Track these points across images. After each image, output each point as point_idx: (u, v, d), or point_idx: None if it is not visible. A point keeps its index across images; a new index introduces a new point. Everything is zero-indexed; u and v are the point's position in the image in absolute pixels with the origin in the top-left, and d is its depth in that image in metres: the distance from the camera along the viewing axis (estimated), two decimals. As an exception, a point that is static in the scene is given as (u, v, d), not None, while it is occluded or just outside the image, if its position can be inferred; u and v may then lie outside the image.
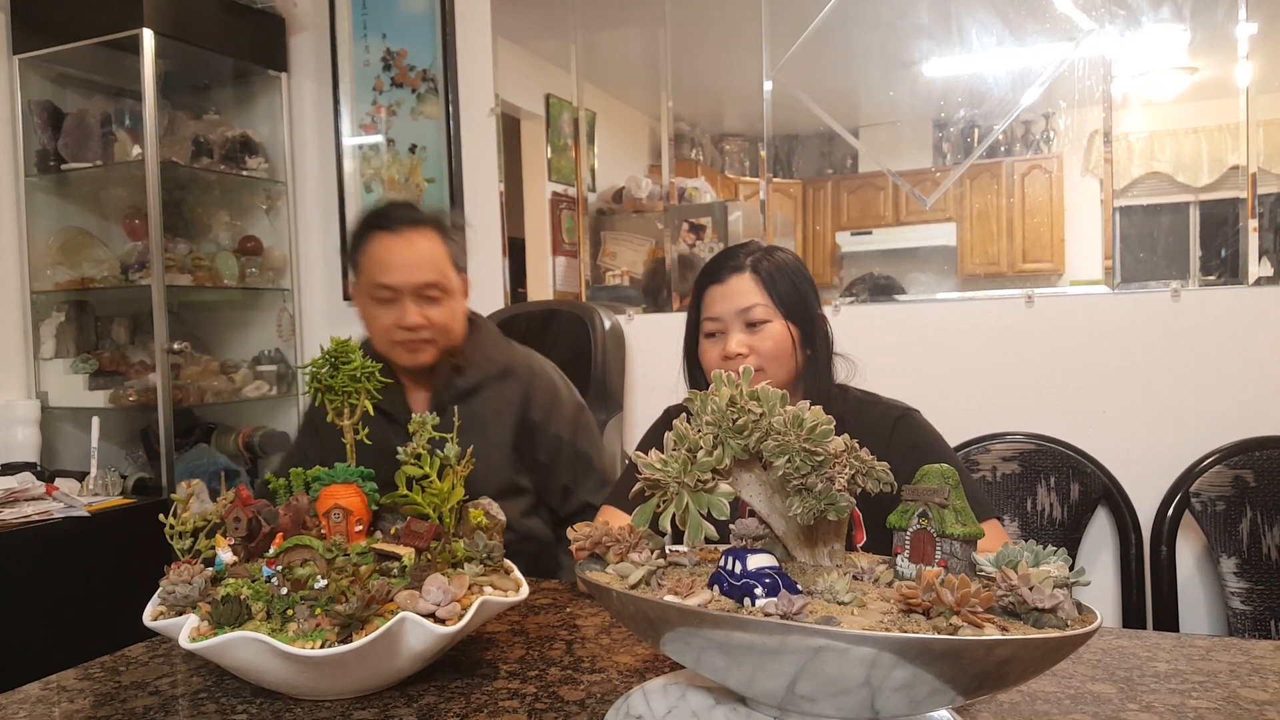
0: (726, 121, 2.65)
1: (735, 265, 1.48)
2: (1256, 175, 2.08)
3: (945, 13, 2.32)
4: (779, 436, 0.85)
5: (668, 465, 0.86)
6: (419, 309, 1.65)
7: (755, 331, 1.44)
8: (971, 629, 0.73)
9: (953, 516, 0.86)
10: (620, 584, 0.86)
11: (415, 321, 1.64)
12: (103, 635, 2.04)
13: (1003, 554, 0.85)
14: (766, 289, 1.45)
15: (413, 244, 1.66)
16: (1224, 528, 1.98)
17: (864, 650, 0.69)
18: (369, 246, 1.68)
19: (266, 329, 3.07)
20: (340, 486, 1.22)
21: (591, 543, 0.94)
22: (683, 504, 0.85)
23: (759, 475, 0.90)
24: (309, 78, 3.00)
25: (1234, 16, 2.07)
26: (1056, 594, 0.76)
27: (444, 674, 1.13)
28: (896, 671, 0.70)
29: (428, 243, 1.68)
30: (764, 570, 0.80)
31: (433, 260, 1.67)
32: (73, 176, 2.79)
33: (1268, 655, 1.15)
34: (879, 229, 2.50)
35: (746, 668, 0.76)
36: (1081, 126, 2.24)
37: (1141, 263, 2.22)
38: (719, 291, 1.47)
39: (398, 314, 1.64)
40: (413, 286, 1.64)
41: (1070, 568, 0.84)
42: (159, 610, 1.04)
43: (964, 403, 2.28)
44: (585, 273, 2.73)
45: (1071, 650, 0.75)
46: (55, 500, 2.30)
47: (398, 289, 1.64)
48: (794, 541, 0.91)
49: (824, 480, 0.83)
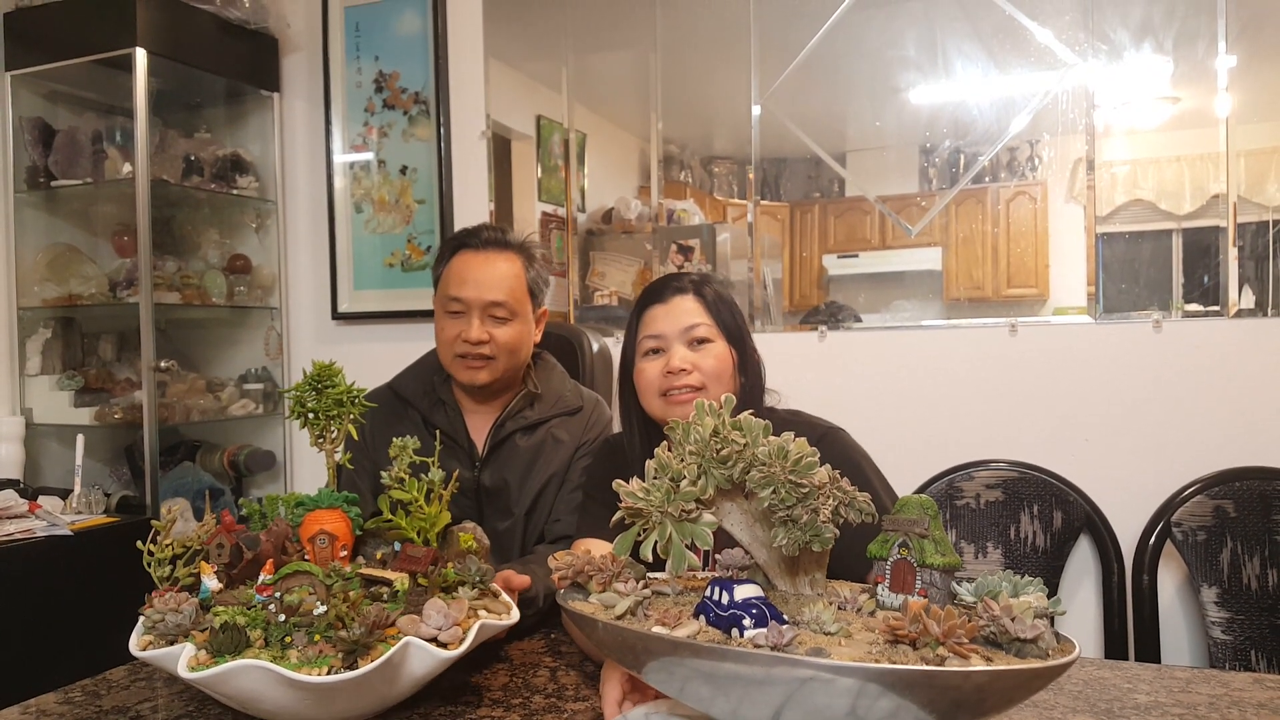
0: (715, 144, 2.67)
1: (679, 286, 1.49)
2: (1238, 204, 2.11)
3: (931, 44, 2.35)
4: (764, 468, 0.85)
5: (650, 494, 0.87)
6: (485, 326, 1.67)
7: (698, 349, 1.44)
8: (958, 659, 0.74)
9: (932, 547, 0.87)
10: (605, 614, 0.86)
11: (478, 336, 1.66)
12: (84, 657, 2.02)
13: (981, 584, 0.87)
14: (710, 311, 1.46)
15: (493, 263, 1.70)
16: (1205, 557, 2.00)
17: (850, 681, 0.70)
18: (453, 261, 1.73)
19: (254, 347, 3.06)
20: (325, 511, 1.22)
21: (574, 571, 0.95)
22: (666, 534, 0.85)
23: (741, 505, 0.90)
24: (301, 98, 3.01)
25: (1214, 49, 2.11)
26: (1037, 624, 0.78)
27: (428, 701, 1.13)
28: (882, 701, 0.71)
29: (508, 265, 1.71)
30: (751, 601, 0.81)
31: (507, 282, 1.69)
32: (62, 193, 2.78)
33: (1246, 688, 1.16)
34: (865, 253, 2.51)
35: (732, 698, 0.77)
36: (1066, 154, 2.27)
37: (1124, 293, 2.24)
38: (661, 310, 1.47)
39: (463, 327, 1.67)
40: (483, 303, 1.67)
41: (1048, 596, 0.85)
42: (147, 639, 1.04)
43: (947, 430, 2.30)
44: (574, 293, 2.74)
45: (1053, 679, 0.76)
46: (38, 518, 2.28)
47: (468, 303, 1.67)
48: (775, 570, 0.92)
49: (809, 512, 0.84)
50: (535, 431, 1.74)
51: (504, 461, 1.72)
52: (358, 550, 1.25)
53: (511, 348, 1.70)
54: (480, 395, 1.74)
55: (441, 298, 1.73)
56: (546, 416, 1.75)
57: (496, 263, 1.71)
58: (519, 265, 1.73)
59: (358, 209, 2.91)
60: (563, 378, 1.85)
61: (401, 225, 2.86)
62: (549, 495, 1.72)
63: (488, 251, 1.72)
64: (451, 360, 1.70)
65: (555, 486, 1.73)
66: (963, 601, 0.87)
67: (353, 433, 1.28)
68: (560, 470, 1.73)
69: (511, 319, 1.69)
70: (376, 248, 2.89)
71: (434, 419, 1.72)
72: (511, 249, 1.74)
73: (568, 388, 1.82)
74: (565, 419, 1.77)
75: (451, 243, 1.78)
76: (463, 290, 1.68)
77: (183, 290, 2.77)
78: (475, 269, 1.70)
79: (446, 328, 1.70)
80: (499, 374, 1.70)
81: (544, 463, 1.72)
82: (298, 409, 1.26)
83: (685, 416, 0.92)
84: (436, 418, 1.72)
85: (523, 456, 1.72)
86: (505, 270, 1.70)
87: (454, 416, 1.73)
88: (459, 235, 1.80)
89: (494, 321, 1.68)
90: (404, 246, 2.85)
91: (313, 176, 2.99)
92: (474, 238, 1.74)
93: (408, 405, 1.75)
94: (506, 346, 1.69)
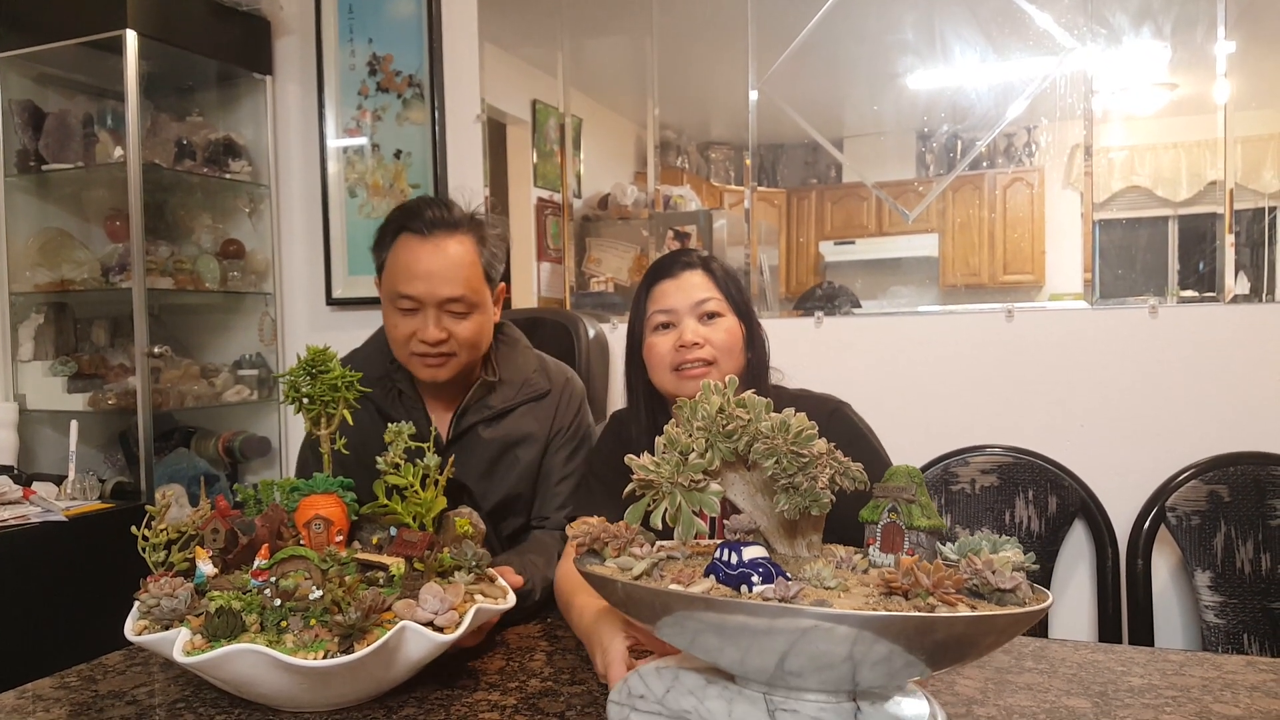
0: (712, 130, 2.66)
1: (688, 262, 1.49)
2: (1234, 191, 2.11)
3: (929, 28, 2.34)
4: (767, 440, 0.93)
5: (660, 467, 0.94)
6: (442, 323, 1.52)
7: (710, 323, 1.44)
8: (945, 607, 0.81)
9: (919, 511, 0.95)
10: (624, 576, 0.93)
11: (436, 337, 1.51)
12: (80, 642, 2.02)
13: (964, 543, 0.95)
14: (719, 286, 1.47)
15: (443, 251, 1.52)
16: (1199, 542, 2.01)
17: (848, 629, 0.78)
18: (397, 248, 1.55)
19: (248, 333, 3.05)
20: (320, 496, 1.22)
21: (590, 538, 1.01)
22: (676, 503, 0.93)
23: (744, 475, 0.98)
24: (294, 81, 2.99)
25: (1213, 35, 2.10)
26: (1016, 576, 0.86)
27: (424, 685, 1.13)
28: (877, 646, 0.78)
29: (459, 249, 1.53)
30: (758, 560, 0.89)
31: (462, 271, 1.52)
32: (53, 177, 2.76)
33: (1239, 670, 1.17)
34: (862, 239, 2.51)
35: (740, 647, 0.84)
36: (1063, 140, 2.26)
37: (1120, 278, 2.24)
38: (671, 285, 1.47)
39: (418, 325, 1.52)
40: (437, 300, 1.51)
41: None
42: (142, 624, 1.04)
43: (944, 415, 2.30)
44: (570, 279, 2.73)
45: (1031, 623, 0.84)
46: (32, 504, 2.28)
47: (421, 300, 1.52)
48: (776, 535, 0.99)
49: (808, 479, 0.92)
50: (500, 422, 1.62)
51: (467, 454, 1.58)
52: (353, 535, 1.25)
53: (473, 342, 1.56)
54: (441, 386, 1.61)
55: (389, 291, 1.55)
56: (511, 405, 1.63)
57: (447, 248, 1.52)
58: (471, 247, 1.55)
59: (351, 193, 2.90)
60: (527, 354, 1.71)
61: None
62: (522, 500, 1.63)
63: (436, 236, 1.52)
64: (408, 358, 1.56)
65: (529, 487, 1.64)
66: (947, 559, 0.94)
67: (348, 418, 1.28)
68: (531, 469, 1.63)
69: (470, 312, 1.54)
70: (370, 232, 2.81)
71: (390, 410, 1.58)
72: (461, 229, 1.55)
73: (532, 368, 1.68)
74: (532, 405, 1.64)
75: (392, 225, 1.58)
76: (413, 287, 1.51)
77: (176, 275, 2.76)
78: (425, 259, 1.51)
79: (399, 324, 1.54)
80: (461, 368, 1.57)
81: (510, 463, 1.61)
82: (292, 394, 1.26)
83: (697, 391, 0.98)
84: (393, 409, 1.58)
85: (486, 450, 1.60)
86: (458, 257, 1.53)
87: (412, 406, 1.61)
88: (399, 216, 1.58)
89: (452, 317, 1.53)
90: (399, 231, 2.83)
91: (306, 160, 2.97)
92: (416, 219, 1.54)
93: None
94: (468, 342, 1.55)
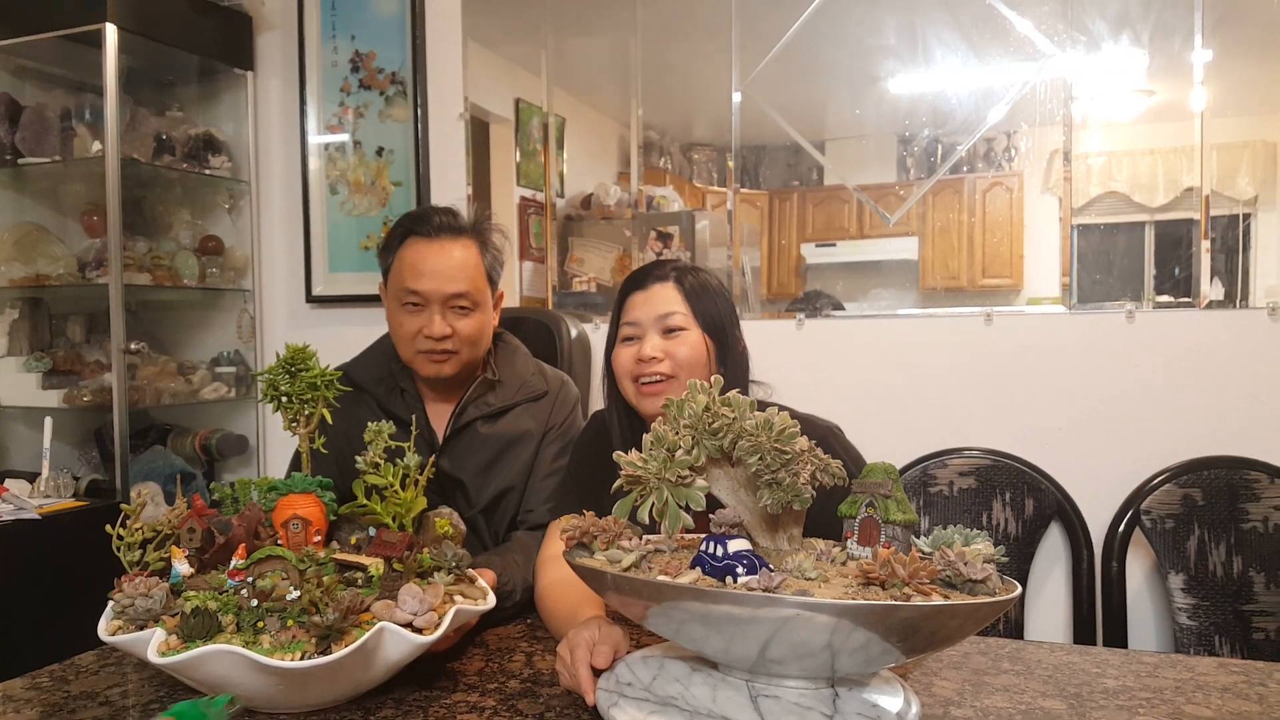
0: (695, 131, 2.66)
1: (660, 275, 1.49)
2: (1210, 197, 2.13)
3: (911, 33, 2.35)
4: (751, 437, 0.96)
5: (648, 463, 0.97)
6: (446, 319, 1.60)
7: (672, 338, 1.45)
8: (920, 597, 0.85)
9: (895, 506, 0.99)
10: (614, 568, 0.96)
11: (441, 331, 1.59)
12: (52, 642, 1.99)
13: (938, 537, 0.99)
14: (687, 300, 1.47)
15: (448, 252, 1.61)
16: (1173, 545, 2.03)
17: (828, 617, 0.81)
18: (403, 250, 1.64)
19: (226, 330, 3.02)
20: (299, 496, 1.21)
21: (580, 532, 1.03)
22: (663, 497, 0.96)
23: (728, 472, 1.01)
24: (275, 77, 2.96)
25: (1190, 43, 2.13)
26: (986, 567, 0.90)
27: (402, 686, 1.12)
28: (855, 634, 0.82)
29: (464, 252, 1.63)
30: (742, 553, 0.92)
31: (466, 270, 1.62)
32: (30, 171, 2.73)
33: (1211, 672, 1.18)
34: (843, 241, 2.52)
35: (724, 635, 0.87)
36: (1042, 145, 2.28)
37: (1097, 283, 2.27)
38: (640, 297, 1.48)
39: (424, 322, 1.60)
40: (442, 296, 1.60)
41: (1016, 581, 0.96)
42: (116, 624, 1.03)
43: (922, 418, 2.31)
44: (552, 279, 2.73)
45: (1001, 612, 0.88)
46: (5, 502, 2.25)
47: (427, 297, 1.60)
48: (758, 529, 1.02)
49: (791, 475, 0.95)
50: (498, 420, 1.68)
51: (464, 450, 1.66)
52: (332, 535, 1.25)
53: (475, 339, 1.64)
54: (442, 384, 1.68)
55: (396, 290, 1.63)
56: (510, 404, 1.70)
57: (452, 251, 1.62)
58: (475, 251, 1.65)
59: (333, 190, 2.88)
60: (525, 359, 1.79)
61: (378, 208, 2.83)
62: (515, 495, 1.68)
63: (442, 239, 1.62)
64: (413, 355, 1.64)
65: (523, 483, 1.68)
66: (921, 552, 0.97)
67: (327, 416, 1.27)
68: (526, 466, 1.68)
69: (474, 309, 1.63)
70: (352, 230, 2.86)
71: (392, 407, 1.66)
72: (466, 234, 1.65)
73: (530, 371, 1.76)
74: (530, 405, 1.71)
75: (399, 231, 1.67)
76: (420, 283, 1.60)
77: (153, 271, 2.73)
78: (431, 259, 1.61)
79: (405, 322, 1.62)
80: (463, 365, 1.65)
81: (508, 460, 1.67)
82: (271, 392, 1.25)
83: (655, 406, 1.00)
84: (395, 405, 1.66)
85: (485, 446, 1.67)
86: (463, 259, 1.62)
87: (413, 404, 1.68)
88: (407, 221, 1.68)
89: (456, 314, 1.61)
90: (380, 229, 2.82)
91: (287, 157, 2.95)
92: (424, 224, 1.64)
93: (363, 392, 1.68)
94: (470, 339, 1.63)
